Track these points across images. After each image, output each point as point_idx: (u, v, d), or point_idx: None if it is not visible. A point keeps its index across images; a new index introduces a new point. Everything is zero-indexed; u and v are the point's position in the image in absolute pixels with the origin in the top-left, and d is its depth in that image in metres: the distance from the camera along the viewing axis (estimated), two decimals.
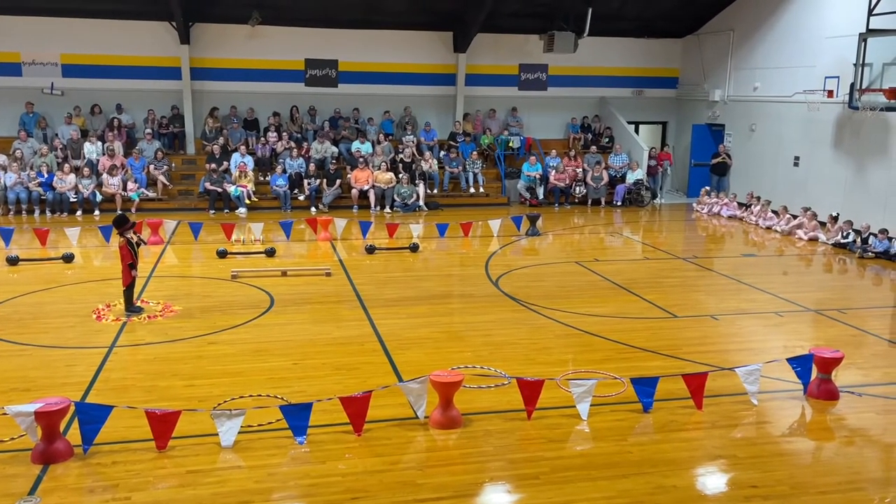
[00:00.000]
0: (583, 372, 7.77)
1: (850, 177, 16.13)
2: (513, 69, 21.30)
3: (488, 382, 7.51)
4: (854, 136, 16.01)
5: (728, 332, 9.52)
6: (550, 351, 8.53)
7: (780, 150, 18.21)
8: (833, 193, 16.44)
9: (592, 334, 9.12)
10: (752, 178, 19.19)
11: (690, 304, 10.65)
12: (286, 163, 18.50)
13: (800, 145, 17.60)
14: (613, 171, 20.26)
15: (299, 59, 20.12)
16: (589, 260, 13.30)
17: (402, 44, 20.53)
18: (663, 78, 22.30)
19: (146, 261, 12.35)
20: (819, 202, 16.60)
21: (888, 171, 15.19)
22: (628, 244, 15.53)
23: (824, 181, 16.75)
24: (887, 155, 15.24)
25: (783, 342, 9.09)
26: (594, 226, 17.20)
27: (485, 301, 10.50)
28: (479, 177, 19.51)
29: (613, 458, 6.12)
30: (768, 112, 18.70)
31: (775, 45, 18.45)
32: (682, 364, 8.10)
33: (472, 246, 14.48)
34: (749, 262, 13.50)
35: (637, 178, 19.90)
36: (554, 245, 14.95)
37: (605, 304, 10.51)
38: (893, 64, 13.92)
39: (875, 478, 5.95)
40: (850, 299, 11.07)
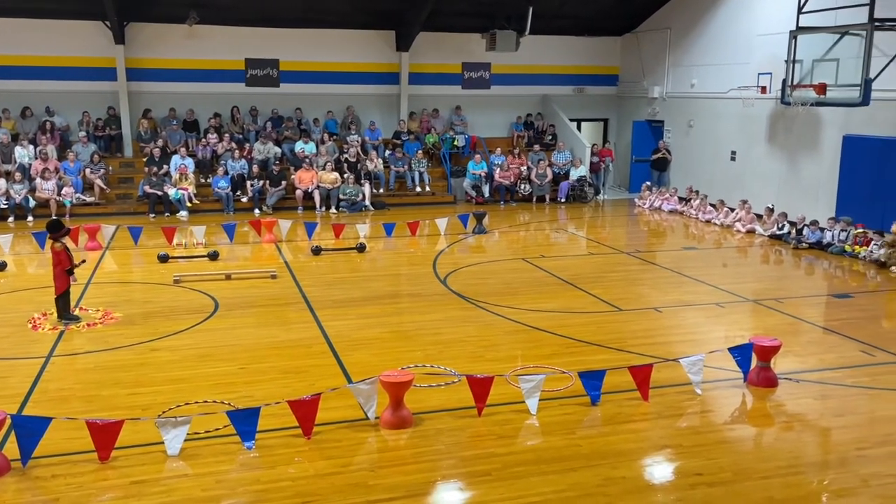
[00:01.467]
0: (531, 367, 7.82)
1: (783, 170, 16.65)
2: (456, 68, 21.36)
3: (438, 381, 7.51)
4: (787, 131, 16.53)
5: (671, 324, 9.73)
6: (499, 348, 8.58)
7: (718, 145, 18.68)
8: (768, 187, 16.94)
9: (540, 330, 9.20)
10: (691, 172, 19.64)
11: (634, 297, 10.84)
12: (228, 164, 18.20)
13: (736, 140, 18.08)
14: (557, 168, 20.48)
15: (239, 59, 19.80)
16: (535, 256, 13.42)
17: (345, 43, 20.38)
18: (604, 76, 22.66)
19: (85, 267, 11.99)
20: (755, 195, 17.09)
21: (819, 164, 15.73)
22: (573, 240, 15.72)
23: (760, 175, 17.24)
24: (818, 149, 15.78)
25: (724, 332, 9.32)
26: (539, 222, 17.36)
27: (433, 300, 10.50)
28: (425, 176, 19.50)
29: (563, 452, 6.19)
30: (705, 108, 19.16)
31: (710, 43, 18.92)
32: (627, 357, 8.23)
33: (419, 245, 14.48)
34: (690, 255, 13.82)
35: (580, 175, 20.16)
36: (500, 242, 15.03)
37: (552, 299, 10.62)
38: (823, 60, 14.42)
39: (813, 461, 6.15)
40: (787, 289, 11.42)
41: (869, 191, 14.23)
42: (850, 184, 14.74)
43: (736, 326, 9.56)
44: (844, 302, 10.74)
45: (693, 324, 9.75)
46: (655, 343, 8.81)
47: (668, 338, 9.10)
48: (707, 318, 9.97)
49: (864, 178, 14.45)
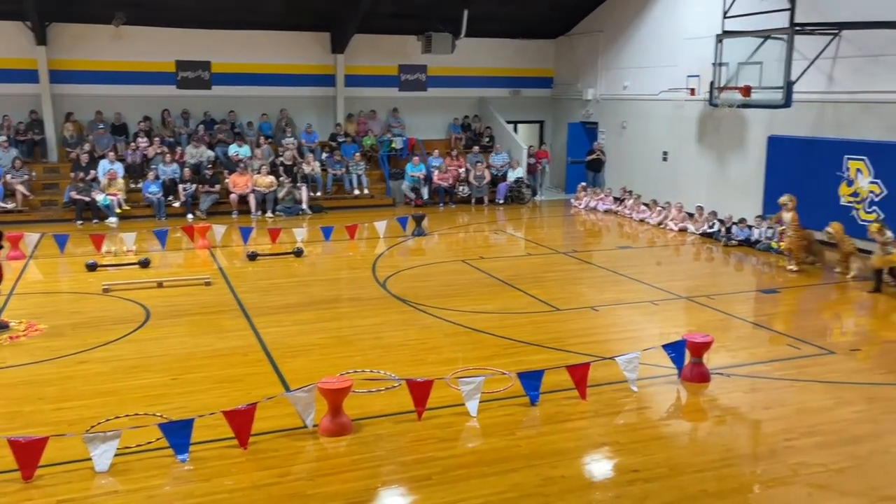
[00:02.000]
0: (471, 369, 7.84)
1: (713, 170, 17.13)
2: (392, 70, 21.29)
3: (378, 386, 7.45)
4: (715, 131, 17.01)
5: (608, 322, 9.89)
6: (439, 350, 8.58)
7: (650, 146, 19.11)
8: (699, 186, 17.40)
9: (480, 331, 9.24)
10: (625, 173, 20.04)
11: (572, 296, 10.99)
12: (159, 169, 17.73)
13: (667, 141, 18.53)
14: (495, 169, 20.62)
15: (169, 61, 19.31)
16: (474, 258, 13.47)
17: (278, 45, 20.09)
18: (539, 78, 22.94)
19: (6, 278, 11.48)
20: (687, 194, 17.53)
21: (745, 163, 16.24)
22: (511, 241, 15.84)
23: (690, 175, 17.70)
24: (744, 149, 16.29)
25: (659, 329, 9.53)
26: (478, 224, 17.44)
27: (373, 304, 10.46)
28: (363, 178, 19.39)
29: (503, 453, 6.21)
30: (638, 110, 19.58)
31: (641, 46, 19.34)
32: (565, 356, 8.32)
33: (358, 248, 14.40)
34: (625, 254, 14.08)
35: (518, 177, 20.35)
36: (440, 244, 15.04)
37: (492, 300, 10.68)
38: (747, 63, 14.89)
39: (745, 454, 6.32)
40: (717, 285, 11.74)
41: (793, 189, 14.72)
42: (776, 182, 15.26)
43: (670, 323, 9.79)
44: (772, 297, 11.10)
45: (629, 322, 9.94)
46: (592, 342, 8.93)
47: (605, 336, 9.25)
48: (642, 315, 10.17)
49: (788, 177, 14.97)
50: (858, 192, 13.70)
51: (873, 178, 13.45)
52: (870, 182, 13.49)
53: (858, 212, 13.59)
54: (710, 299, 10.88)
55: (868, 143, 13.55)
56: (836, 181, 14.07)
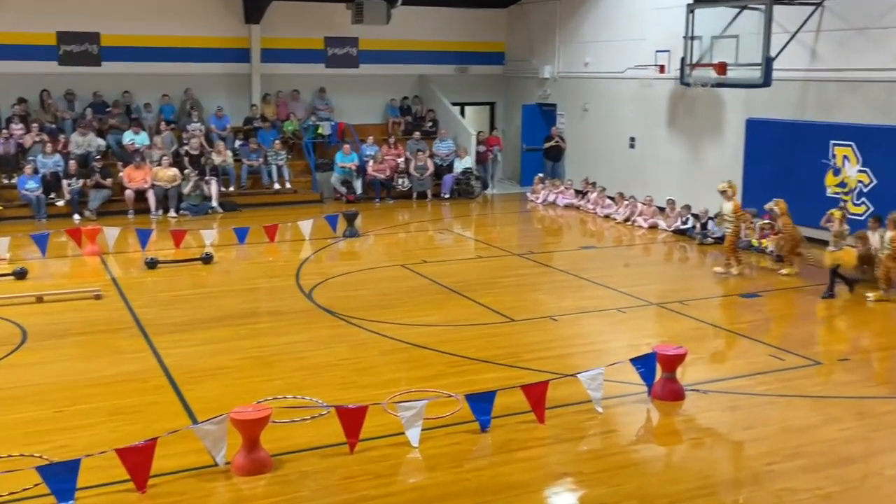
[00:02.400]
0: (413, 392, 7.84)
1: (685, 158, 17.49)
2: (318, 43, 21.18)
3: (303, 415, 7.40)
4: (688, 113, 17.38)
5: (569, 333, 9.99)
6: (375, 370, 8.57)
7: (615, 130, 19.40)
8: (670, 176, 17.74)
9: (423, 347, 9.25)
10: (587, 162, 20.30)
11: (528, 305, 11.08)
12: (38, 161, 17.33)
13: (634, 125, 18.84)
14: (439, 159, 20.66)
15: (49, 32, 18.84)
16: (416, 262, 13.49)
17: (181, 13, 19.78)
18: (489, 53, 23.08)
19: None
20: (657, 186, 17.86)
21: (722, 150, 16.63)
22: (459, 242, 15.88)
23: (661, 163, 18.03)
24: (720, 134, 16.67)
25: (627, 341, 9.67)
26: (421, 222, 17.44)
27: (297, 317, 10.40)
28: (285, 170, 19.23)
29: (450, 489, 6.22)
30: (601, 90, 19.87)
31: (604, 17, 19.64)
32: (521, 374, 8.38)
33: (279, 253, 14.29)
34: (588, 256, 14.26)
35: (466, 167, 20.43)
36: (376, 247, 14.99)
37: (436, 311, 10.72)
38: (722, 37, 15.25)
39: (726, 479, 6.46)
40: (692, 289, 11.99)
41: (774, 178, 15.15)
42: (756, 171, 15.66)
43: (639, 334, 9.94)
44: (752, 302, 11.38)
45: (592, 333, 10.05)
46: (551, 356, 9.02)
47: (566, 350, 9.34)
48: (608, 325, 10.30)
49: (769, 165, 15.38)
50: (846, 182, 14.16)
51: (861, 166, 13.92)
52: (858, 171, 13.96)
53: (847, 204, 14.04)
54: (683, 305, 11.09)
55: (855, 126, 14.01)
56: (821, 170, 14.51)
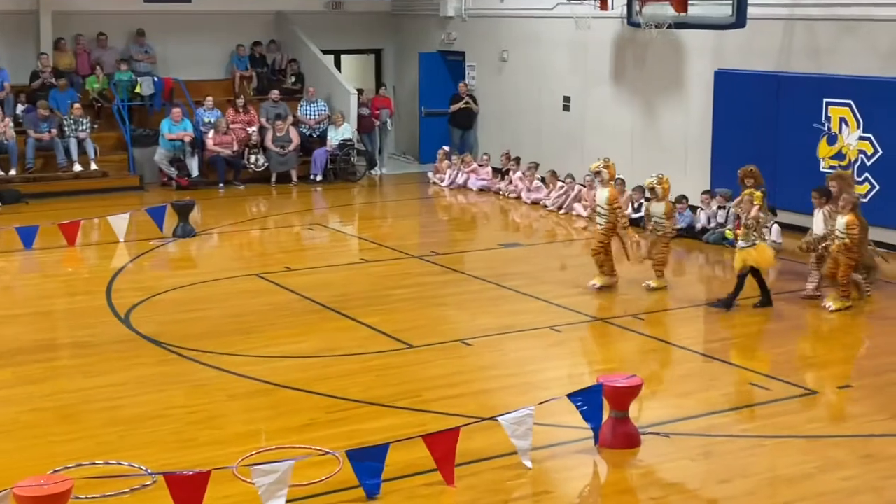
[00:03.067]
0: (275, 450, 7.72)
1: (637, 123, 17.77)
2: None
3: (119, 486, 7.21)
4: (639, 64, 17.65)
5: (486, 362, 9.97)
6: (222, 422, 8.44)
7: (544, 88, 19.58)
8: (617, 148, 17.92)
9: (288, 387, 9.13)
10: (508, 130, 20.41)
11: (431, 325, 11.05)
12: None
13: (570, 80, 19.05)
14: (307, 128, 20.50)
15: None
16: (278, 270, 13.34)
17: None
18: None
19: None
20: None
21: (685, 113, 16.95)
22: (337, 241, 15.76)
23: (605, 131, 18.28)
24: (682, 90, 16.99)
25: (564, 370, 9.71)
26: (283, 215, 17.25)
27: (110, 351, 10.21)
28: (89, 144, 18.90)
29: None
30: (524, 33, 20.03)
31: None
32: (422, 419, 8.33)
33: (82, 261, 14.03)
34: (512, 256, 14.32)
35: (344, 138, 20.30)
36: (221, 250, 14.80)
37: (306, 337, 10.62)
38: None
39: None
40: (649, 298, 12.15)
41: (753, 149, 15.51)
42: (728, 140, 16.01)
43: (580, 360, 10.04)
44: (728, 314, 11.60)
45: (518, 360, 10.04)
46: (464, 394, 8.98)
47: (483, 385, 9.31)
48: (538, 350, 10.32)
49: (744, 132, 15.74)
50: (844, 153, 14.62)
51: (863, 131, 14.39)
52: (858, 138, 14.43)
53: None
54: (637, 320, 11.23)
55: (854, 79, 14.47)
56: (813, 137, 14.94)
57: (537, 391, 8.90)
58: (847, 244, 11.17)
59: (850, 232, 11.14)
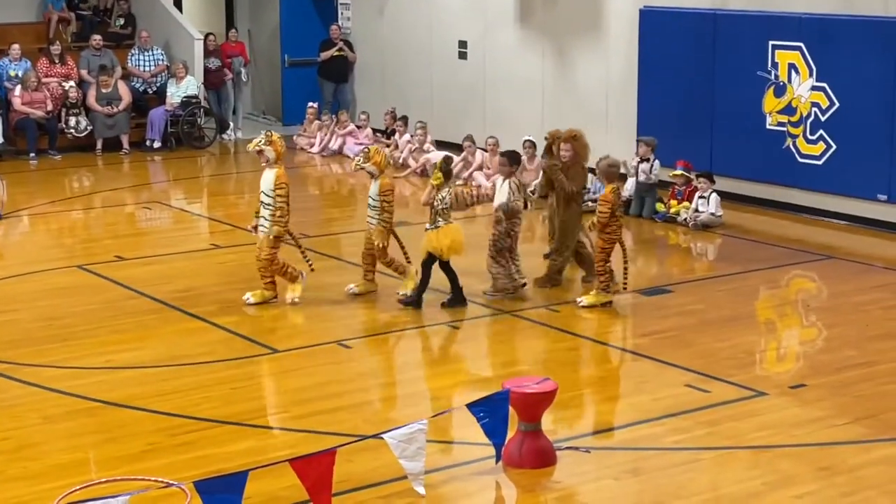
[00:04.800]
0: (106, 482, 7.66)
1: (549, 73, 17.92)
2: None
3: None
4: (550, 2, 17.78)
5: (368, 368, 10.10)
6: (36, 450, 8.36)
7: (435, 31, 19.66)
8: (525, 104, 18.13)
9: (121, 405, 9.07)
10: (391, 84, 20.50)
11: (301, 324, 11.18)
12: None
13: (466, 22, 19.16)
14: (140, 82, 20.47)
15: None
16: (106, 260, 13.28)
17: None
18: None
19: None
20: (505, 120, 18.21)
21: (604, 59, 17.16)
22: (182, 221, 15.65)
23: (509, 83, 18.41)
24: (602, 32, 17.18)
25: (463, 375, 9.82)
26: (113, 191, 17.13)
27: None
28: None
29: None
30: None
31: None
32: (290, 439, 8.37)
33: None
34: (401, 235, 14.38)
35: (188, 95, 20.17)
36: (33, 236, 14.70)
37: (142, 343, 10.61)
38: None
39: None
40: (565, 285, 12.27)
41: (685, 102, 15.78)
42: (657, 91, 16.25)
43: (481, 362, 10.14)
44: (659, 301, 11.82)
45: (406, 364, 10.19)
46: (336, 408, 9.02)
47: (364, 395, 9.39)
48: (431, 351, 10.51)
49: (676, 81, 15.99)
50: (794, 106, 14.93)
51: (816, 80, 14.70)
52: (811, 88, 14.74)
53: (797, 140, 14.82)
54: (549, 312, 11.36)
55: (806, 17, 14.79)
56: (758, 87, 15.23)
57: (430, 401, 8.97)
58: (595, 223, 11.18)
59: (601, 209, 11.07)
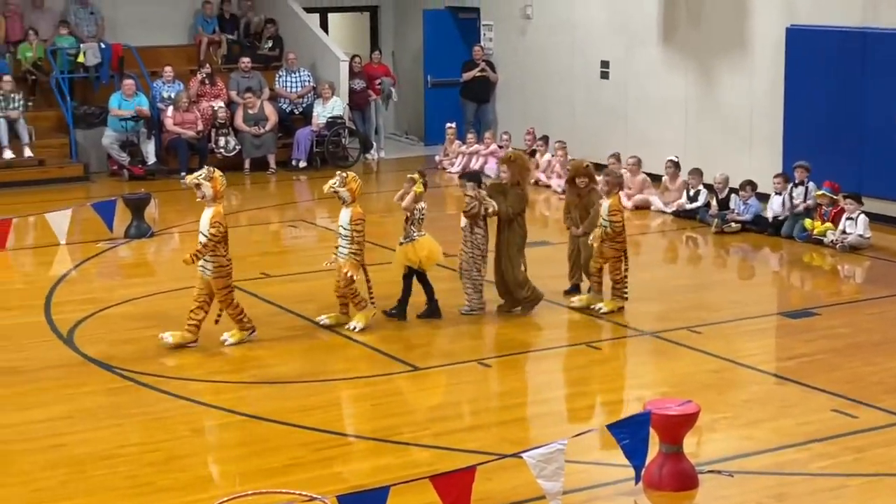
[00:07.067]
0: (250, 496, 7.77)
1: (692, 93, 17.70)
2: None
3: None
4: (694, 20, 17.57)
5: (508, 387, 10.03)
6: (185, 462, 8.47)
7: (578, 51, 19.55)
8: (668, 123, 17.94)
9: (265, 419, 9.16)
10: (532, 104, 20.40)
11: (441, 342, 11.19)
12: None
13: (609, 41, 19.01)
14: (287, 103, 20.61)
15: None
16: (252, 277, 13.38)
17: None
18: None
19: None
20: (648, 140, 18.04)
21: (750, 80, 16.88)
22: (326, 239, 15.72)
23: (652, 103, 18.23)
24: (747, 52, 16.91)
25: (603, 395, 9.74)
26: (258, 210, 17.33)
27: (48, 378, 10.24)
28: (22, 126, 18.96)
29: None
30: None
31: None
32: (429, 457, 8.35)
33: (15, 268, 14.15)
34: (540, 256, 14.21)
35: (333, 115, 20.30)
36: (183, 253, 14.61)
37: (284, 358, 10.67)
38: None
39: None
40: (708, 307, 12.13)
41: (833, 123, 15.45)
42: (804, 112, 15.90)
43: (622, 381, 10.04)
44: (805, 324, 11.57)
45: (547, 383, 10.08)
46: (479, 425, 9.03)
47: (504, 414, 9.34)
48: (572, 370, 10.37)
49: (824, 102, 15.63)
50: None
51: None
52: None
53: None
54: (693, 333, 11.19)
55: None
56: None
57: (569, 421, 8.90)
58: (609, 233, 11.43)
59: (612, 219, 11.39)
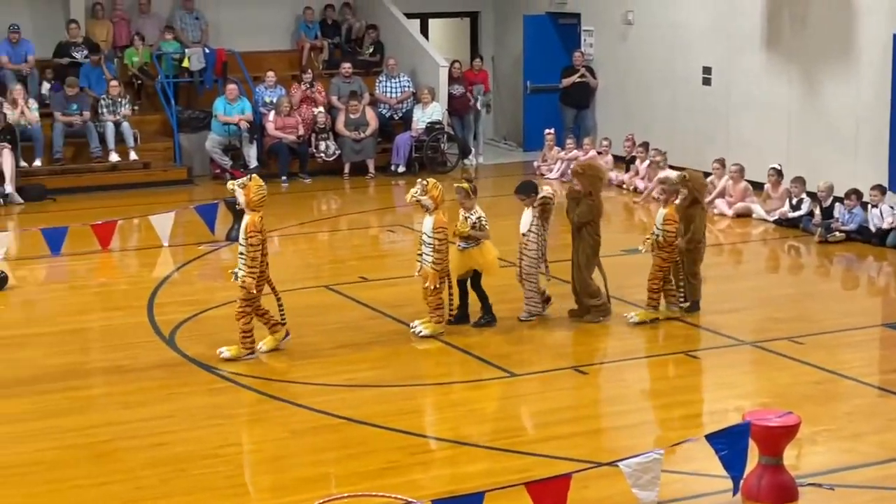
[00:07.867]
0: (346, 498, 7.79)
1: (796, 100, 17.46)
2: None
3: None
4: (797, 25, 17.35)
5: (604, 394, 10.02)
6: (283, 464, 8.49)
7: (679, 56, 19.40)
8: (771, 132, 17.72)
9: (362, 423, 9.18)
10: (633, 110, 20.27)
11: (536, 348, 11.09)
12: None
13: (711, 48, 18.84)
14: (387, 108, 20.64)
15: None
16: (351, 281, 13.45)
17: None
18: None
19: None
20: (749, 148, 17.84)
21: (856, 85, 16.62)
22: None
23: (755, 110, 18.02)
24: (852, 58, 16.65)
25: (702, 405, 9.68)
26: (359, 214, 17.36)
27: (150, 377, 10.33)
28: (128, 129, 19.13)
29: None
30: None
31: None
32: (523, 462, 8.33)
33: (118, 270, 14.26)
34: (637, 263, 14.17)
35: (433, 120, 20.33)
36: (283, 256, 14.87)
37: (383, 362, 10.73)
38: None
39: None
40: (810, 317, 11.95)
41: None
42: None
43: (722, 391, 9.91)
44: None
45: (644, 393, 10.02)
46: (575, 433, 8.97)
47: (599, 422, 9.35)
48: (669, 379, 10.29)
49: None
50: None
51: None
52: None
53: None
54: (795, 344, 11.04)
55: None
56: None
57: (666, 431, 8.84)
58: (660, 242, 11.46)
59: (667, 228, 11.39)
